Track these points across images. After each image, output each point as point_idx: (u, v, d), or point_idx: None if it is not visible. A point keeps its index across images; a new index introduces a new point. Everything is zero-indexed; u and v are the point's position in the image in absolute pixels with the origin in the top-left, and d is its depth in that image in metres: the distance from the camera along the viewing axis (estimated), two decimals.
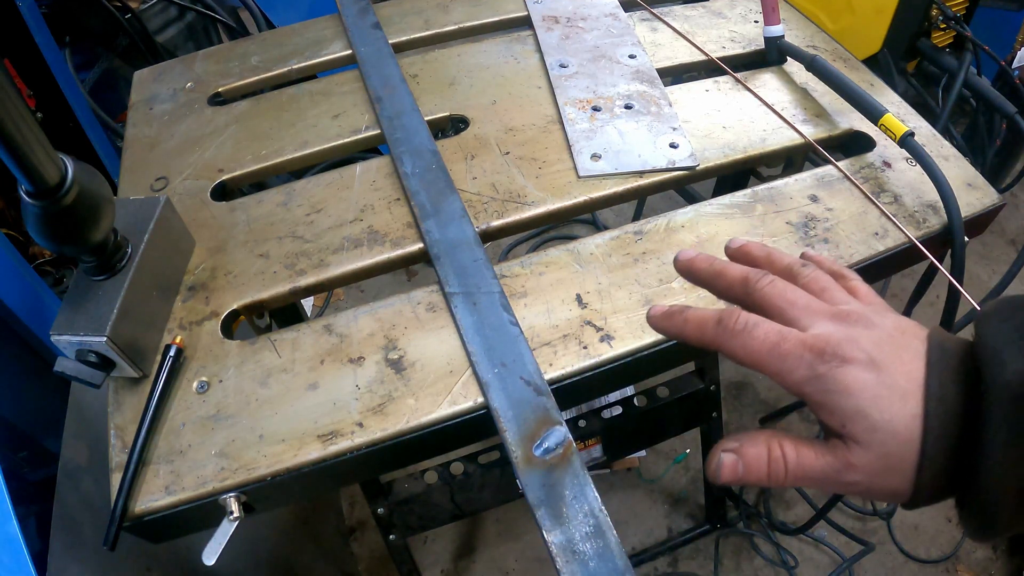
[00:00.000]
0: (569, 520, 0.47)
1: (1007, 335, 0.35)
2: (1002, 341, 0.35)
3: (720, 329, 0.40)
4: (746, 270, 0.43)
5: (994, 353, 0.35)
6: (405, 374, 0.56)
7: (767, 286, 0.42)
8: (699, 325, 0.42)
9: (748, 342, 0.39)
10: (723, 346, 0.40)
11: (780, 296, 0.41)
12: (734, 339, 0.39)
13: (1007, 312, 0.36)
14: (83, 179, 0.49)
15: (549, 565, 0.45)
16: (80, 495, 0.74)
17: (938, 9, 1.42)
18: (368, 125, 0.77)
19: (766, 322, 0.39)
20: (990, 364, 0.34)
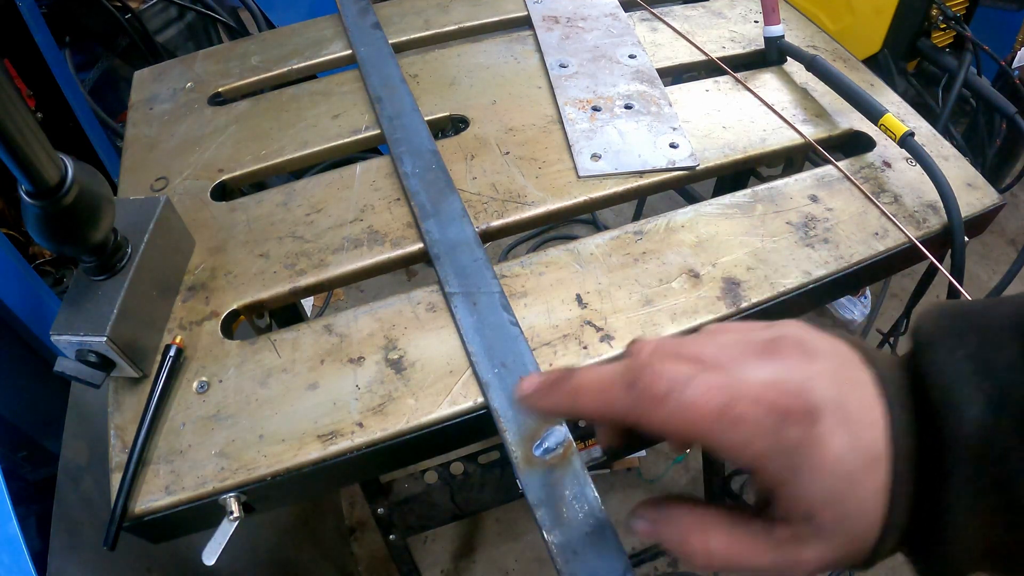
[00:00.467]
0: (569, 520, 0.47)
1: (959, 372, 0.28)
2: (953, 379, 0.28)
3: (636, 395, 0.30)
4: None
5: (947, 396, 0.28)
6: (405, 374, 0.56)
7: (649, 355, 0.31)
8: (600, 393, 0.31)
9: (682, 408, 0.29)
10: (643, 419, 0.30)
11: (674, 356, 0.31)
12: (660, 407, 0.29)
13: (955, 338, 0.29)
14: (83, 179, 0.49)
15: (549, 565, 0.45)
16: (80, 495, 0.74)
17: (938, 9, 1.42)
18: (368, 125, 0.77)
19: (700, 373, 0.29)
20: (945, 413, 0.28)
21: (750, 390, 0.29)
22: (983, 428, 0.27)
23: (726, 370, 0.30)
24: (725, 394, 0.29)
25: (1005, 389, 0.27)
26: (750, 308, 0.60)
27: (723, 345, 0.31)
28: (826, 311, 1.94)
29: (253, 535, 1.05)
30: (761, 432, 0.28)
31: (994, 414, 0.27)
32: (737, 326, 0.33)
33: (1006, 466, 0.27)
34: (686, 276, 0.62)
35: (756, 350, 0.30)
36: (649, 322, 0.59)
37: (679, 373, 0.29)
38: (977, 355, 0.28)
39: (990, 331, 0.29)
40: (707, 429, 0.29)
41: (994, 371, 0.28)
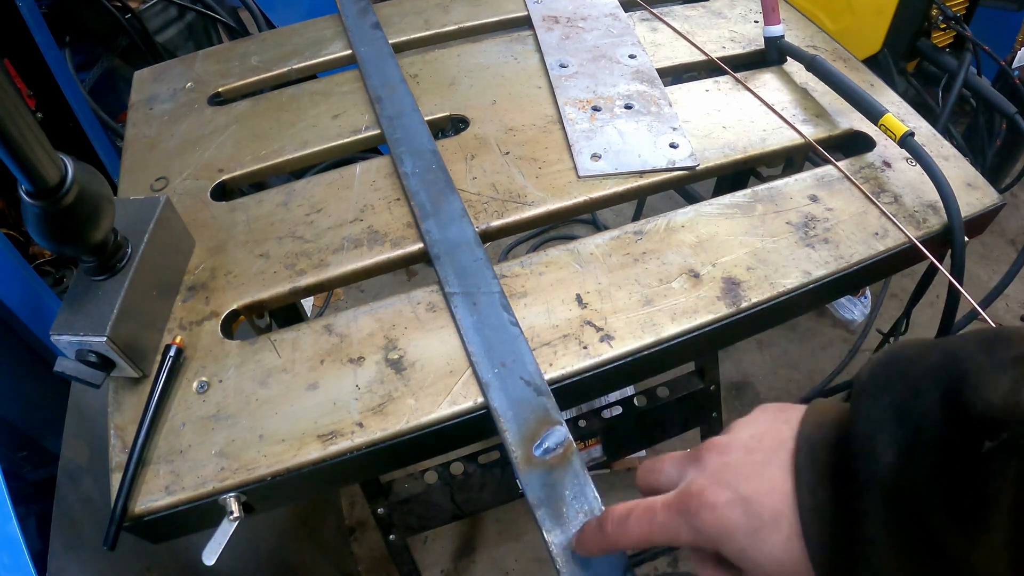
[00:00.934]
0: (569, 520, 0.47)
1: (879, 419, 0.33)
2: (874, 427, 0.33)
3: (605, 535, 0.42)
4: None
5: (865, 445, 0.33)
6: (405, 374, 0.56)
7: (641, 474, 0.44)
8: (591, 538, 0.43)
9: (629, 533, 0.40)
10: (616, 546, 0.42)
11: (649, 472, 0.43)
12: (620, 538, 0.41)
13: (881, 386, 0.34)
14: (83, 179, 0.49)
15: (549, 565, 0.45)
16: (80, 495, 0.74)
17: (938, 9, 1.42)
18: (368, 125, 0.77)
19: (635, 506, 0.40)
20: (861, 458, 0.33)
21: (666, 501, 0.39)
22: (897, 471, 0.31)
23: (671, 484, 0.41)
24: (649, 513, 0.39)
25: (919, 435, 0.31)
26: (750, 308, 0.60)
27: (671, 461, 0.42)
28: (826, 311, 1.94)
29: (253, 535, 1.05)
30: (681, 527, 0.38)
31: (907, 458, 0.31)
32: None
33: (919, 503, 0.31)
34: (686, 276, 0.62)
35: (690, 460, 0.41)
36: (649, 322, 0.59)
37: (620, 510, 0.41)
38: (898, 402, 0.33)
39: (914, 379, 0.33)
40: (650, 539, 0.39)
41: (910, 419, 0.32)
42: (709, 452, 0.40)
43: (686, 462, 0.41)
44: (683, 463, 0.41)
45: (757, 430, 0.39)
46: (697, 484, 0.38)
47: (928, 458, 0.31)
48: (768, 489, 0.36)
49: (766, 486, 0.36)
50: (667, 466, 0.42)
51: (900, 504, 0.31)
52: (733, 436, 0.40)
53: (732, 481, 0.37)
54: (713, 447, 0.40)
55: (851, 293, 1.77)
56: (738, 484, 0.37)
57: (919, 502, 0.31)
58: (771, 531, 0.35)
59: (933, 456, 0.31)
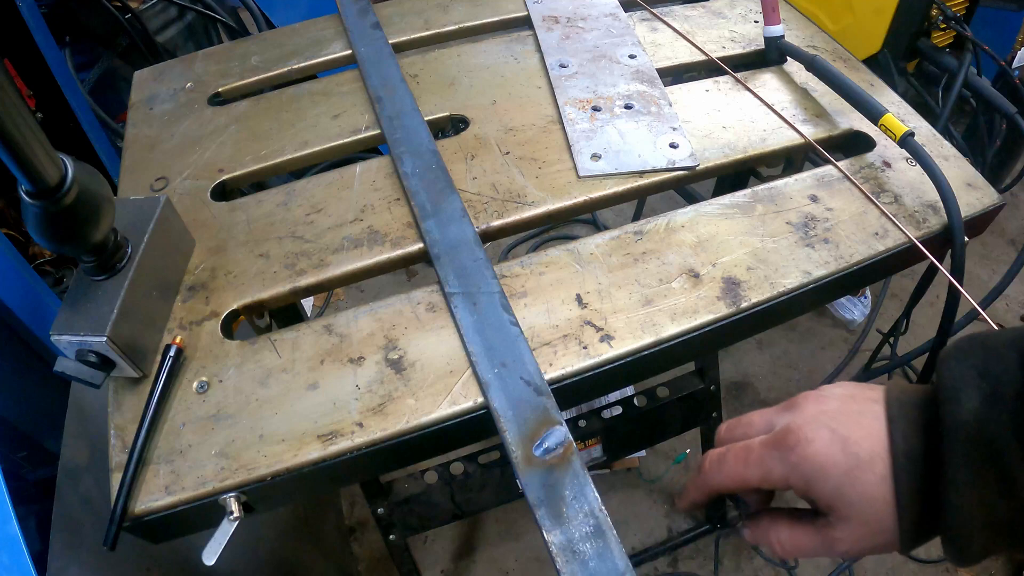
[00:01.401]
0: (569, 520, 0.47)
1: (964, 375, 0.37)
2: (960, 382, 0.37)
3: (704, 476, 0.45)
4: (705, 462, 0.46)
5: (951, 394, 0.36)
6: (405, 374, 0.56)
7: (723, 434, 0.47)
8: (691, 486, 0.46)
9: (725, 471, 0.43)
10: (713, 486, 0.44)
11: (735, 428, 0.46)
12: (716, 476, 0.44)
13: (965, 352, 0.38)
14: (83, 179, 0.49)
15: (549, 565, 0.45)
16: (80, 495, 0.74)
17: (938, 9, 1.42)
18: (368, 125, 0.77)
19: (731, 447, 0.43)
20: (947, 405, 0.36)
21: (761, 440, 0.41)
22: (978, 416, 0.35)
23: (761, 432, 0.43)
24: (744, 450, 0.42)
25: (999, 387, 0.35)
26: (750, 308, 0.60)
27: (763, 414, 0.45)
28: (826, 311, 1.94)
29: (253, 535, 1.05)
30: (775, 463, 0.40)
31: (988, 406, 0.35)
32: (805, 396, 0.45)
33: (998, 445, 0.34)
34: (686, 276, 0.62)
35: (780, 409, 0.43)
36: (649, 322, 0.59)
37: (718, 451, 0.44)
38: (980, 364, 0.37)
39: (993, 347, 0.37)
40: (743, 477, 0.42)
41: (991, 374, 0.36)
42: (806, 400, 0.42)
43: (779, 411, 0.43)
44: (775, 413, 0.44)
45: (849, 391, 0.42)
46: (795, 423, 0.40)
47: (1007, 406, 0.34)
48: (866, 434, 0.39)
49: (863, 431, 0.39)
50: (756, 419, 0.44)
51: (981, 446, 0.35)
52: (827, 391, 0.42)
53: (830, 423, 0.40)
54: (809, 397, 0.42)
55: (851, 293, 1.78)
56: (836, 426, 0.39)
57: (998, 444, 0.34)
58: (866, 470, 0.38)
59: (1012, 405, 0.34)
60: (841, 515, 0.39)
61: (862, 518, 0.38)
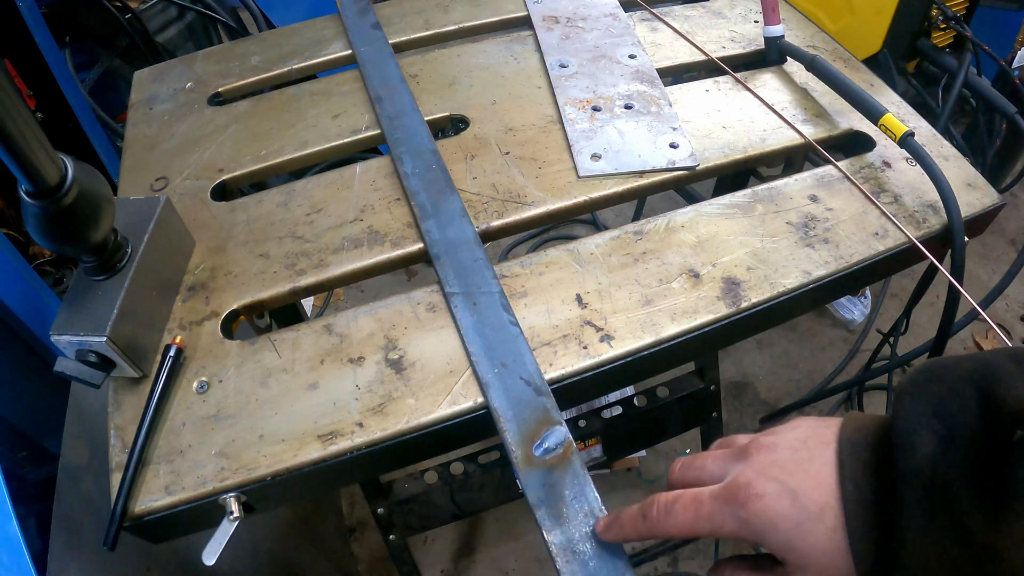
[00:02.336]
0: (569, 520, 0.47)
1: (919, 414, 0.36)
2: (914, 422, 0.36)
3: (648, 523, 0.43)
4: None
5: (905, 436, 0.36)
6: (405, 374, 0.56)
7: (677, 472, 0.46)
8: (632, 525, 0.44)
9: (673, 521, 0.42)
10: (658, 533, 0.43)
11: (689, 469, 0.45)
12: (662, 525, 0.42)
13: (921, 387, 0.37)
14: (83, 179, 0.49)
15: (549, 565, 0.45)
16: (80, 495, 0.74)
17: (938, 9, 1.42)
18: (368, 125, 0.77)
19: (681, 496, 0.42)
20: (901, 449, 0.35)
21: (712, 492, 0.41)
22: (933, 461, 0.34)
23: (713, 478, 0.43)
24: (694, 502, 0.41)
25: (954, 428, 0.34)
26: (750, 308, 0.60)
27: (715, 459, 0.44)
28: (826, 311, 1.94)
29: (253, 535, 1.05)
30: (726, 517, 0.40)
31: (943, 449, 0.34)
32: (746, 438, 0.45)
33: (952, 492, 0.33)
34: (686, 276, 0.62)
35: (736, 457, 0.43)
36: (649, 322, 0.59)
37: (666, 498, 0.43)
38: (935, 402, 0.36)
39: (951, 380, 0.36)
40: (693, 529, 0.41)
41: (947, 413, 0.35)
42: (756, 450, 0.42)
43: (730, 459, 0.43)
44: (727, 460, 0.43)
45: (801, 433, 0.41)
46: (744, 477, 0.40)
47: (963, 449, 0.33)
48: (814, 484, 0.38)
49: (812, 481, 0.38)
50: (709, 463, 0.44)
51: (935, 492, 0.33)
52: (778, 438, 0.42)
53: (779, 475, 0.39)
54: (760, 446, 0.42)
55: (851, 293, 1.77)
56: (785, 478, 0.39)
57: (952, 491, 0.33)
58: (816, 522, 0.37)
59: (967, 447, 0.33)
60: (796, 566, 0.39)
61: (817, 568, 0.38)
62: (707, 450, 0.47)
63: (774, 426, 0.45)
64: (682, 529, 0.42)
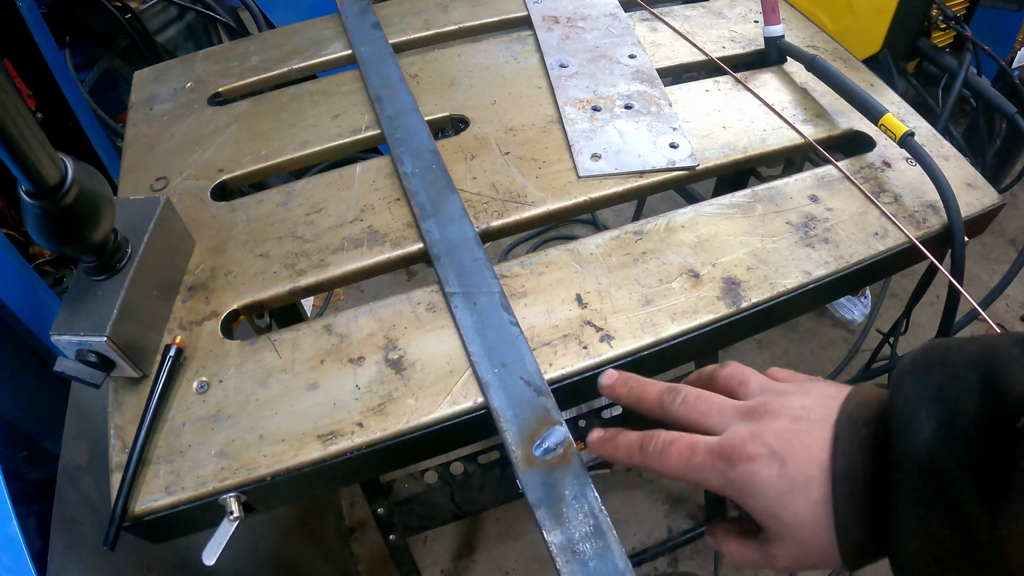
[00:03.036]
0: (569, 520, 0.47)
1: (919, 397, 0.35)
2: (914, 404, 0.35)
3: (642, 454, 0.44)
4: (661, 391, 0.47)
5: (904, 419, 0.35)
6: (405, 374, 0.56)
7: (679, 405, 0.45)
8: (627, 451, 0.45)
9: (666, 462, 0.43)
10: (648, 468, 0.44)
11: (693, 409, 0.45)
12: (654, 461, 0.43)
13: (923, 370, 0.36)
14: (83, 179, 0.49)
15: (549, 565, 0.45)
16: (80, 495, 0.74)
17: (938, 9, 1.42)
18: (368, 125, 0.77)
19: (679, 439, 0.43)
20: (899, 432, 0.35)
21: (708, 445, 0.41)
22: (932, 446, 0.33)
23: (713, 428, 0.43)
24: (689, 450, 0.42)
25: (955, 414, 0.33)
26: (750, 308, 0.60)
27: (722, 409, 0.43)
28: (826, 311, 1.94)
29: (253, 535, 1.05)
30: (714, 473, 0.40)
31: (942, 435, 0.33)
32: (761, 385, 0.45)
33: (950, 478, 0.32)
34: (686, 276, 0.62)
35: (741, 413, 0.42)
36: (649, 322, 0.59)
37: (665, 438, 0.44)
38: (936, 385, 0.35)
39: (954, 365, 0.35)
40: (681, 474, 0.42)
41: (948, 398, 0.34)
42: (759, 412, 0.41)
43: (735, 413, 0.43)
44: (732, 414, 0.43)
45: (807, 401, 0.41)
46: (740, 436, 0.40)
47: (963, 436, 0.32)
48: (806, 455, 0.38)
49: (804, 452, 0.38)
50: (715, 411, 0.44)
51: (932, 479, 0.33)
52: (786, 401, 0.41)
53: (774, 442, 0.39)
54: (765, 409, 0.41)
55: (851, 293, 1.77)
56: (778, 445, 0.39)
57: (951, 478, 0.32)
58: (800, 493, 0.37)
59: (968, 433, 0.32)
60: (774, 534, 0.39)
61: (795, 538, 0.38)
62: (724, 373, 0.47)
63: (787, 373, 0.46)
64: (672, 472, 0.42)
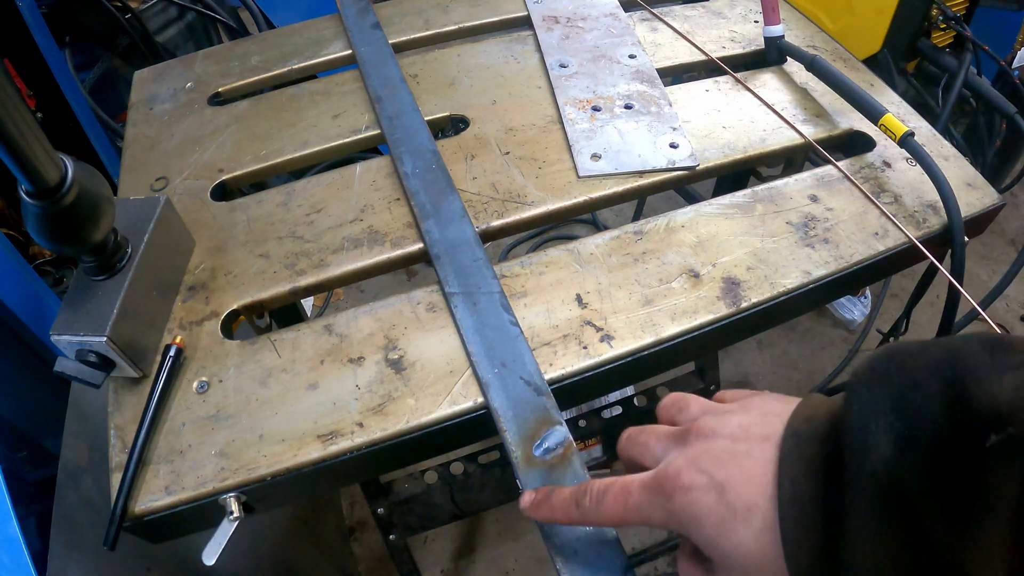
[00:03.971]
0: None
1: (875, 409, 0.31)
2: (869, 418, 0.31)
3: (580, 511, 0.41)
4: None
5: (859, 435, 0.31)
6: (405, 374, 0.56)
7: (623, 443, 0.44)
8: (564, 509, 0.42)
9: (604, 512, 0.40)
10: (590, 522, 0.41)
11: (633, 444, 0.43)
12: (592, 515, 0.40)
13: (880, 378, 0.32)
14: (83, 179, 0.49)
15: (549, 565, 0.45)
16: (80, 495, 0.73)
17: (938, 9, 1.42)
18: (368, 125, 0.77)
19: (612, 484, 0.40)
20: (852, 449, 0.31)
21: (641, 481, 0.38)
22: (889, 465, 0.30)
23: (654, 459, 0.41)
24: (624, 492, 0.39)
25: (916, 428, 0.30)
26: (750, 308, 0.60)
27: (659, 438, 0.41)
28: (826, 311, 1.94)
29: (253, 535, 1.05)
30: (654, 509, 0.38)
31: (901, 452, 0.30)
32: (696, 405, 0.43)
33: (912, 500, 0.29)
34: (686, 276, 0.62)
35: (675, 439, 0.40)
36: (649, 322, 0.59)
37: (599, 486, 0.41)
38: (895, 395, 0.31)
39: (914, 371, 0.31)
40: (623, 519, 0.39)
41: (908, 409, 0.30)
42: (695, 436, 0.39)
43: (670, 441, 0.40)
44: (667, 441, 0.40)
45: (747, 420, 0.38)
46: (674, 466, 0.37)
47: (925, 452, 0.29)
48: (745, 479, 0.35)
49: (743, 476, 0.35)
50: (652, 441, 0.41)
51: (892, 500, 0.30)
52: (722, 421, 0.39)
53: (710, 467, 0.36)
54: (700, 432, 0.39)
55: (851, 293, 1.78)
56: (715, 470, 0.36)
57: (912, 498, 0.29)
58: (741, 522, 0.34)
59: (930, 450, 0.29)
60: (720, 565, 0.36)
61: (742, 570, 0.35)
62: (664, 403, 0.44)
63: (733, 393, 0.43)
64: (612, 520, 0.40)
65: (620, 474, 0.42)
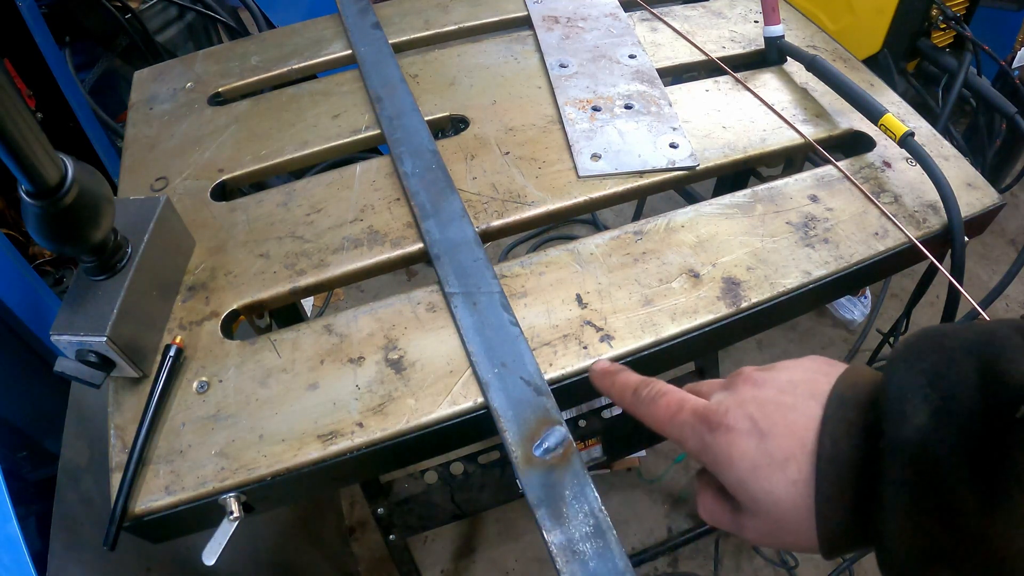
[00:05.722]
0: (569, 520, 0.47)
1: (913, 382, 0.33)
2: (907, 389, 0.33)
3: (634, 398, 0.44)
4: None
5: (895, 405, 0.33)
6: (405, 374, 0.56)
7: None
8: (621, 390, 0.46)
9: (652, 411, 0.43)
10: (635, 413, 0.45)
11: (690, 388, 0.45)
12: (642, 407, 0.44)
13: (918, 355, 0.34)
14: (83, 179, 0.49)
15: (549, 565, 0.45)
16: (80, 495, 0.74)
17: (938, 9, 1.42)
18: (368, 125, 0.77)
19: (672, 393, 0.43)
20: (890, 418, 0.33)
21: (694, 405, 0.41)
22: (924, 434, 0.31)
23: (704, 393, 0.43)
24: (677, 406, 0.42)
25: (950, 401, 0.32)
26: (750, 308, 0.60)
27: (711, 383, 0.44)
28: (826, 311, 1.94)
29: (253, 535, 1.05)
30: (693, 434, 0.40)
31: (936, 422, 0.31)
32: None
33: (943, 469, 0.31)
34: (686, 276, 0.62)
35: (723, 384, 0.42)
36: (649, 322, 0.59)
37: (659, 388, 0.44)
38: (931, 369, 0.33)
39: (949, 350, 0.33)
40: (662, 427, 0.42)
41: (943, 383, 0.32)
42: (745, 382, 0.41)
43: (723, 385, 0.43)
44: (721, 385, 0.43)
45: (796, 376, 0.40)
46: (725, 404, 0.39)
47: (958, 424, 0.31)
48: (788, 432, 0.37)
49: (786, 428, 0.37)
50: (705, 387, 0.44)
51: (923, 468, 0.31)
52: (772, 375, 0.40)
53: (756, 413, 0.38)
54: (750, 379, 0.40)
55: (851, 293, 1.77)
56: (760, 418, 0.38)
57: (943, 467, 0.31)
58: (776, 470, 0.36)
59: (964, 421, 0.31)
60: (745, 507, 0.38)
61: (767, 514, 0.37)
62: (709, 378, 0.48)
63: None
64: (656, 422, 0.42)
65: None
